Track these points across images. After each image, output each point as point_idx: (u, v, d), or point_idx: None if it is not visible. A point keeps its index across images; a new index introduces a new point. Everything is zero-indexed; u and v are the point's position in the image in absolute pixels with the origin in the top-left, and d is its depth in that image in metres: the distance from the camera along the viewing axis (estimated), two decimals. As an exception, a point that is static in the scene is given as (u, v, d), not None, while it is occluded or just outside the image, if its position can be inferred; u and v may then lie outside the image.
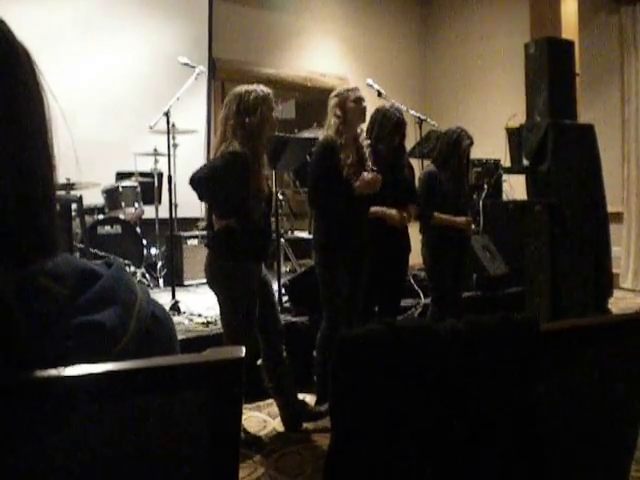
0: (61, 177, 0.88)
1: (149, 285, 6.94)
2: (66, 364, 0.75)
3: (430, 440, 1.05)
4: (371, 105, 4.93)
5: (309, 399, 4.51)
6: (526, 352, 1.08)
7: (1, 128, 0.79)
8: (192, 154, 8.07)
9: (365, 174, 4.36)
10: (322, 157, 4.37)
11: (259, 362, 4.13)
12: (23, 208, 0.80)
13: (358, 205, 4.40)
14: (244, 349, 0.85)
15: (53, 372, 0.74)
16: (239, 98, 3.88)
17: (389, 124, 4.74)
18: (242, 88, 3.95)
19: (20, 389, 0.74)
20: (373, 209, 4.62)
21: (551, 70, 7.32)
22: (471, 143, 5.27)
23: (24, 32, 0.95)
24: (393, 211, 4.71)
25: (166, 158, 5.90)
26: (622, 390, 1.26)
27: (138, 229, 7.14)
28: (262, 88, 3.98)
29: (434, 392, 1.03)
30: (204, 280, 7.15)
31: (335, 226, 4.38)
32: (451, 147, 5.22)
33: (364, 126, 4.75)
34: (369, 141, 4.60)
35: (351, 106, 4.42)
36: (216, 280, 3.96)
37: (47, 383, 0.75)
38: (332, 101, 4.45)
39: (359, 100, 4.46)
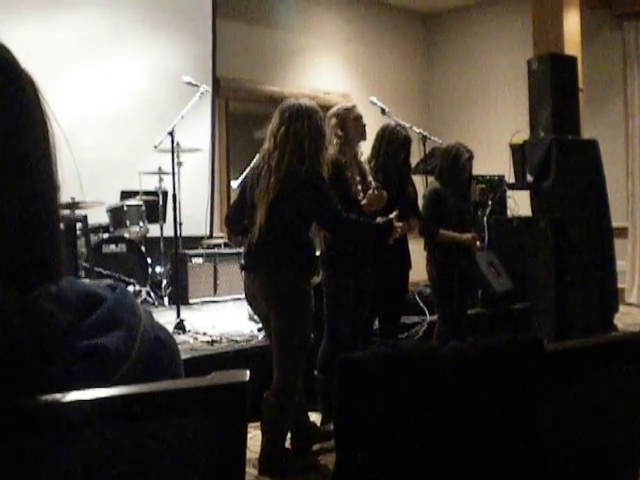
0: (66, 196, 0.89)
1: (154, 304, 6.94)
2: (69, 388, 0.75)
3: (434, 461, 1.05)
4: (375, 122, 4.95)
5: (314, 417, 4.48)
6: (531, 373, 1.07)
7: (5, 155, 0.79)
8: (196, 173, 8.10)
9: (370, 192, 4.36)
10: (333, 177, 4.20)
11: None
12: (27, 233, 0.80)
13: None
14: (248, 372, 0.84)
15: (56, 397, 0.74)
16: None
17: (396, 141, 4.79)
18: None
19: (23, 414, 0.74)
20: None
21: (554, 86, 7.34)
22: (470, 157, 5.28)
23: (27, 52, 0.96)
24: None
25: (171, 177, 5.92)
26: (627, 409, 1.25)
27: (143, 248, 7.14)
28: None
29: (438, 414, 1.03)
30: (209, 298, 7.27)
31: (349, 245, 4.36)
32: (450, 162, 5.24)
33: (369, 143, 4.78)
34: (366, 158, 4.63)
35: (351, 125, 4.44)
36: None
37: (50, 408, 0.75)
38: (332, 121, 4.42)
39: (359, 118, 4.48)
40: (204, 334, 5.37)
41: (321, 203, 3.84)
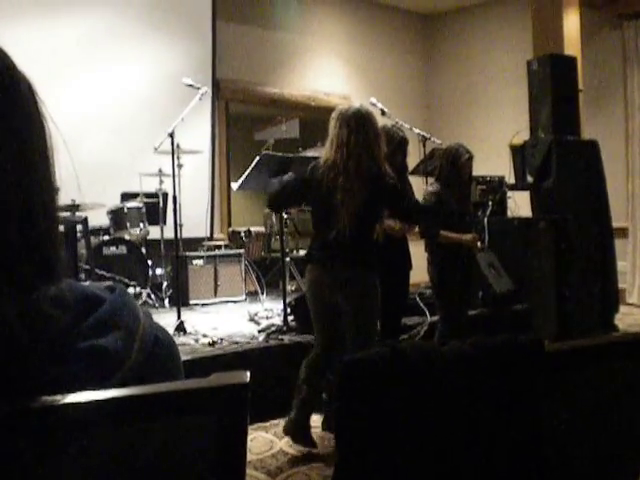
0: (66, 198, 0.89)
1: (154, 305, 6.94)
2: (69, 390, 0.75)
3: (434, 462, 1.05)
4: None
5: (315, 418, 4.47)
6: (531, 373, 1.07)
7: (3, 158, 0.79)
8: (196, 174, 8.10)
9: None
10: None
11: None
12: (26, 236, 0.80)
13: None
14: (248, 374, 0.84)
15: (56, 399, 0.74)
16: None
17: (393, 142, 4.78)
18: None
19: (23, 416, 0.74)
20: None
21: (554, 86, 7.33)
22: (470, 158, 5.27)
23: (27, 54, 0.96)
24: (391, 221, 4.70)
25: (171, 178, 5.92)
26: (628, 409, 1.25)
27: (143, 249, 7.15)
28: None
29: (438, 414, 1.02)
30: (209, 300, 7.27)
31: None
32: (450, 163, 5.24)
33: None
34: None
35: None
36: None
37: (50, 410, 0.74)
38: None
39: None
40: (204, 336, 5.37)
41: (405, 199, 4.25)
